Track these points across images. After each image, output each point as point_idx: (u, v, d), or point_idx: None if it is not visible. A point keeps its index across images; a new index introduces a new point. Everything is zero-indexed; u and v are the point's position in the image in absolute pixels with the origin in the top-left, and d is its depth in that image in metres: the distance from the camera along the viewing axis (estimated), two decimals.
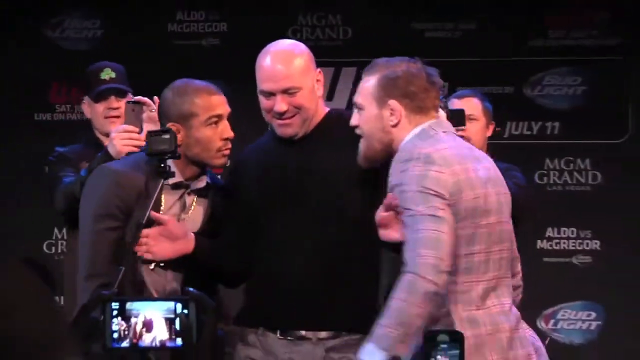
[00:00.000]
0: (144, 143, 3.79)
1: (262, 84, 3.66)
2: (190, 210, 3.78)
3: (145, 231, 3.58)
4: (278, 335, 3.63)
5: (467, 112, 4.58)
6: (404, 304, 3.18)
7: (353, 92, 6.49)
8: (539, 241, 6.31)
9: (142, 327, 2.73)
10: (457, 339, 2.69)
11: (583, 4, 6.54)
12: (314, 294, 3.60)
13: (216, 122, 3.70)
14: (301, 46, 3.81)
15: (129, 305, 2.73)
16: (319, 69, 3.76)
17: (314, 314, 3.62)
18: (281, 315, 3.63)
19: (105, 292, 3.08)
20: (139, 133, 3.97)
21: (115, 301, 2.74)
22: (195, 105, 3.68)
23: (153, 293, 3.69)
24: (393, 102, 3.42)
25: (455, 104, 4.80)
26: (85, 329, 3.03)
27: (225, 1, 6.67)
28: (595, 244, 6.49)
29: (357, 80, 6.45)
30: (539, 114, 6.51)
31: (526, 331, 3.53)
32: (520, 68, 6.50)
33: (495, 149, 4.76)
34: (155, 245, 3.60)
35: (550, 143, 6.52)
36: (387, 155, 3.45)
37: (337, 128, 3.72)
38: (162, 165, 3.48)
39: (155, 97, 4.13)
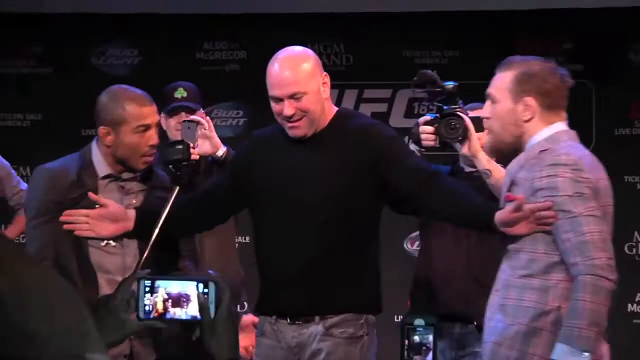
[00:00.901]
0: (198, 156, 3.80)
1: (271, 90, 3.52)
2: (132, 195, 3.65)
3: (85, 211, 3.51)
4: (288, 321, 3.55)
5: None
6: (593, 305, 2.96)
7: (355, 110, 6.60)
8: None
9: (168, 303, 2.69)
10: (431, 324, 2.58)
11: (551, 35, 6.57)
12: (316, 282, 3.52)
13: (144, 131, 3.54)
14: (308, 52, 3.66)
15: (157, 283, 2.69)
16: (325, 73, 3.59)
17: (317, 300, 3.54)
18: (289, 305, 3.56)
19: (140, 272, 3.05)
20: (193, 147, 3.90)
21: (147, 279, 2.71)
22: (126, 112, 3.53)
23: (108, 271, 3.58)
24: (529, 98, 3.18)
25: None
26: (122, 302, 3.04)
27: (244, 33, 6.67)
28: None
29: (358, 100, 6.63)
30: None
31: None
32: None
33: None
34: (97, 224, 3.51)
35: None
36: (515, 149, 3.24)
37: (344, 126, 3.58)
38: (178, 173, 3.43)
39: (208, 117, 4.17)
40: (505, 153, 3.29)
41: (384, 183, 3.56)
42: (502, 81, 3.24)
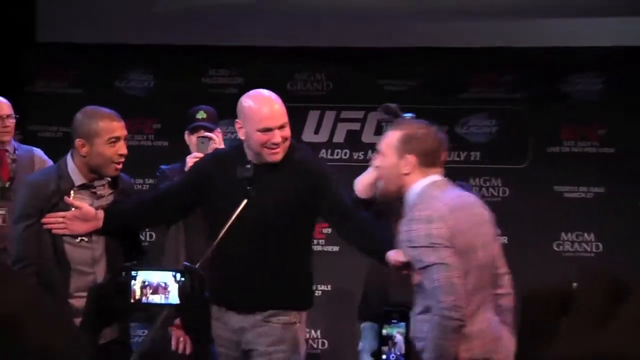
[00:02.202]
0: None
1: (262, 124, 3.48)
2: (103, 199, 3.62)
3: (62, 213, 3.50)
4: (236, 312, 3.59)
5: None
6: (440, 341, 2.97)
7: (334, 129, 6.69)
8: None
9: (151, 289, 2.66)
10: (404, 315, 2.48)
11: (496, 69, 6.60)
12: (258, 284, 3.53)
13: (114, 142, 3.51)
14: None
15: (142, 272, 2.66)
16: None
17: (260, 298, 3.56)
18: (237, 301, 3.59)
19: (127, 264, 3.03)
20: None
21: (134, 270, 2.69)
22: (99, 127, 3.50)
23: (80, 262, 3.57)
24: (410, 156, 3.17)
25: None
26: (115, 289, 3.01)
27: (243, 62, 6.67)
28: (504, 239, 6.06)
29: (336, 120, 6.70)
30: (466, 146, 6.57)
31: (506, 335, 3.22)
32: (452, 113, 6.53)
33: None
34: (72, 224, 3.50)
35: (473, 167, 6.54)
36: (398, 194, 3.22)
37: (291, 156, 3.58)
38: (248, 187, 3.33)
39: (220, 134, 4.31)
40: (390, 197, 3.28)
41: (316, 209, 3.60)
42: (390, 139, 3.24)
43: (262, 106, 3.55)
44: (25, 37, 6.49)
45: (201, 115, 4.43)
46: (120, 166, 3.58)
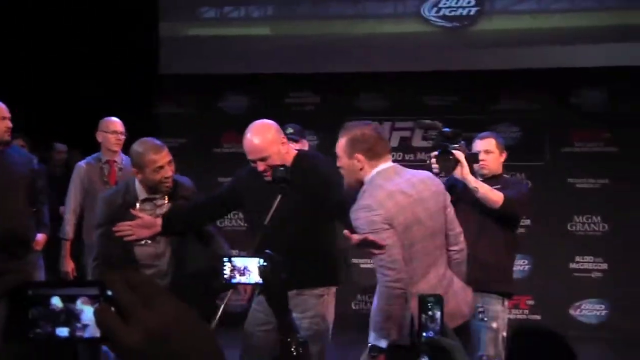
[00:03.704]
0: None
1: (247, 155, 3.55)
2: (162, 208, 3.71)
3: (129, 223, 3.64)
4: None
5: (484, 148, 4.17)
6: (386, 307, 3.00)
7: (389, 136, 7.00)
8: None
9: (239, 272, 2.68)
10: (439, 299, 2.31)
11: (518, 86, 6.72)
12: (291, 267, 3.28)
13: (159, 169, 3.61)
14: (270, 123, 3.56)
15: (233, 259, 2.69)
16: (283, 135, 3.55)
17: (292, 278, 3.27)
18: None
19: (225, 254, 3.06)
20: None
21: (227, 257, 2.71)
22: (145, 160, 3.60)
23: (145, 258, 3.70)
24: (358, 155, 3.14)
25: (477, 143, 4.25)
26: (209, 274, 3.10)
27: (318, 85, 6.84)
28: (528, 221, 6.44)
29: (392, 129, 6.97)
30: None
31: (457, 285, 3.21)
32: (484, 122, 6.43)
33: None
34: (137, 231, 3.63)
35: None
36: (360, 185, 3.18)
37: (300, 166, 3.56)
38: (282, 185, 3.35)
39: (306, 144, 4.54)
40: (355, 189, 3.22)
41: (324, 206, 3.57)
42: (340, 144, 3.22)
43: (245, 138, 3.58)
44: (151, 70, 6.96)
45: (289, 130, 4.62)
46: (169, 184, 3.71)
